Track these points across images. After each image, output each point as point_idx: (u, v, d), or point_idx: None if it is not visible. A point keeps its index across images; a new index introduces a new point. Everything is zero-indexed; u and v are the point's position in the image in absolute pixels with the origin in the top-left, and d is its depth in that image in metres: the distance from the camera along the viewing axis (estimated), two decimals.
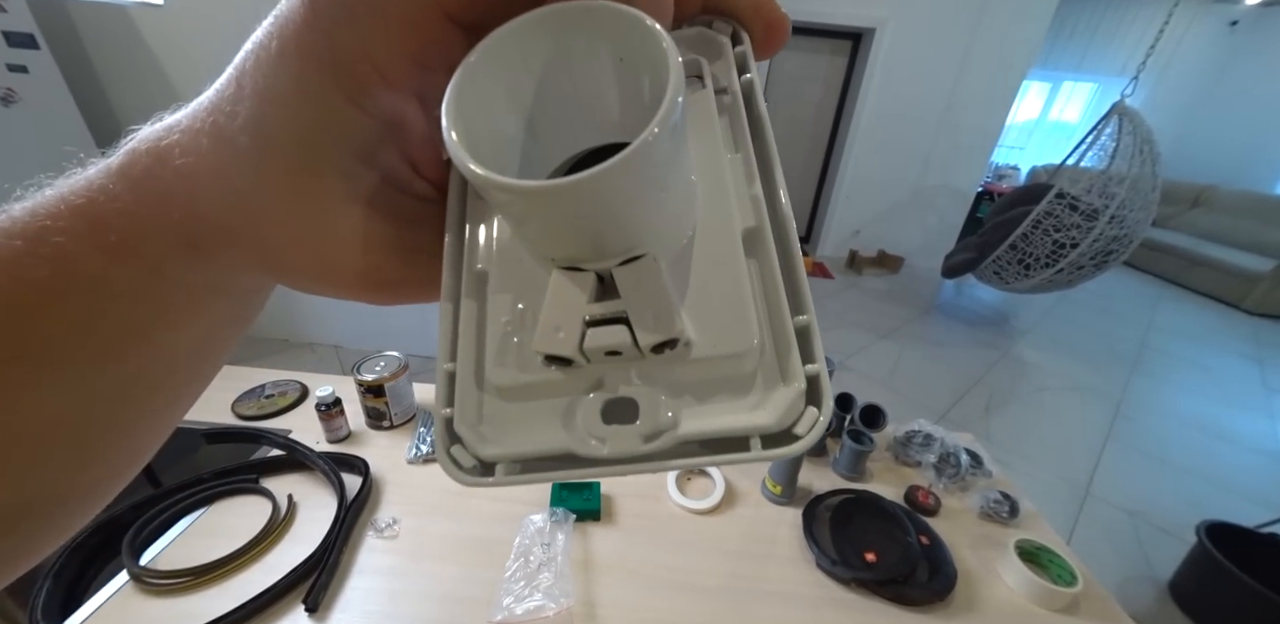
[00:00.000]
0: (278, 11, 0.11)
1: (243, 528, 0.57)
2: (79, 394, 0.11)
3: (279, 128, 0.11)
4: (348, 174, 0.11)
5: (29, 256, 0.10)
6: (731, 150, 0.12)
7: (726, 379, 0.11)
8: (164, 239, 0.11)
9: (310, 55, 0.10)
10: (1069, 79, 4.91)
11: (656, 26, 0.09)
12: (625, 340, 0.10)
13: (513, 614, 0.50)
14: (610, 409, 0.11)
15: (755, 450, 0.10)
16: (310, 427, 0.73)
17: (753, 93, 0.13)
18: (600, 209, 0.09)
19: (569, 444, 0.11)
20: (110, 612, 0.49)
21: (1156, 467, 1.85)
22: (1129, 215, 2.34)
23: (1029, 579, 0.57)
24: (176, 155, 0.11)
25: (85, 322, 0.11)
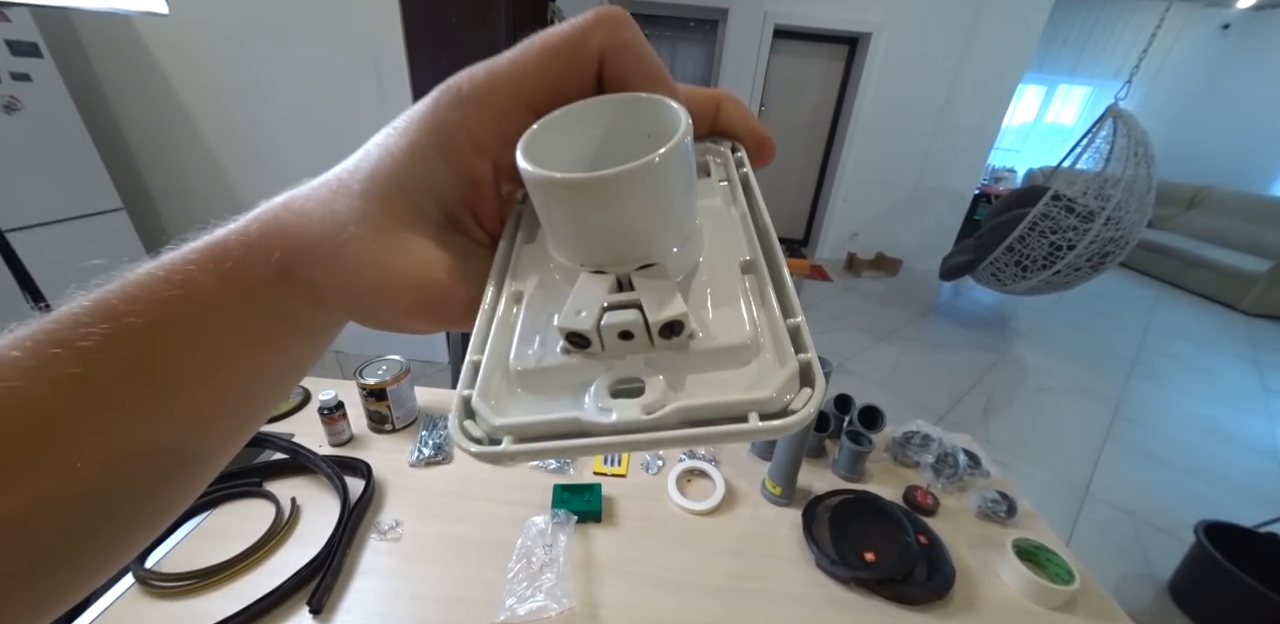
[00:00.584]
0: (413, 106, 0.15)
1: (247, 531, 0.57)
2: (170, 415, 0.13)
3: (387, 175, 0.14)
4: (426, 213, 0.15)
5: (164, 282, 0.13)
6: (732, 207, 0.16)
7: (726, 365, 0.12)
8: (263, 266, 0.14)
9: (425, 127, 0.14)
10: (1064, 82, 4.96)
11: (676, 104, 0.13)
12: (637, 319, 0.11)
13: (515, 615, 0.50)
14: (618, 388, 0.12)
15: (754, 423, 0.10)
16: (313, 430, 0.74)
17: (748, 179, 0.16)
18: (626, 202, 0.12)
19: (575, 413, 0.11)
20: (116, 614, 0.49)
21: (1155, 467, 1.85)
22: (1125, 217, 2.36)
23: (1027, 578, 0.58)
24: (301, 199, 0.14)
25: (191, 341, 0.13)
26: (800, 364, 0.11)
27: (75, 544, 0.13)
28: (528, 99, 0.14)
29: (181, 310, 0.13)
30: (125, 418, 0.13)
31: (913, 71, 3.38)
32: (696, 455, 0.76)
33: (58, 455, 0.12)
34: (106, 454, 0.13)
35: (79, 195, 1.57)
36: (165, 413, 0.13)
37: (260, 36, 1.59)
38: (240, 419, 0.16)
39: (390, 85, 1.64)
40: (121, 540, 0.14)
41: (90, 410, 0.12)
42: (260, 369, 0.15)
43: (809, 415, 0.10)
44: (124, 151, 1.80)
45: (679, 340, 0.12)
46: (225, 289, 0.14)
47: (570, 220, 0.13)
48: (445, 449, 0.73)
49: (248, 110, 1.72)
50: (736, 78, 3.50)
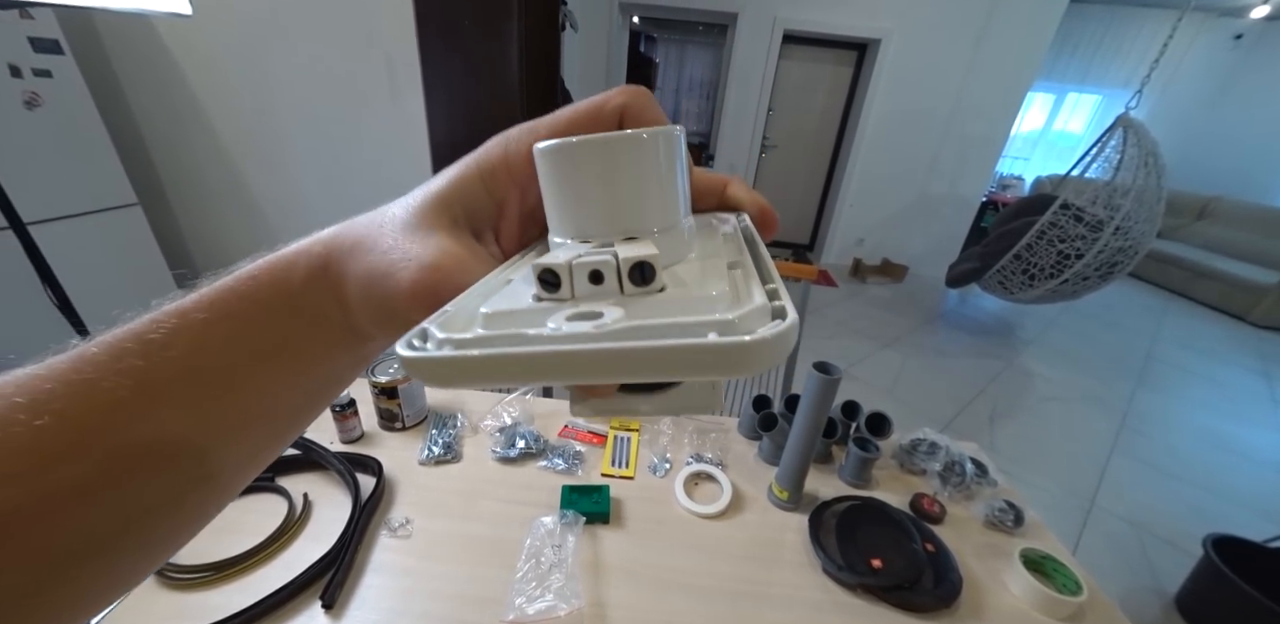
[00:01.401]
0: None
1: (260, 525, 0.58)
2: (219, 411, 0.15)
3: (433, 190, 0.17)
4: (456, 220, 0.17)
5: (232, 283, 0.15)
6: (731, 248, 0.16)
7: (706, 304, 0.11)
8: (307, 263, 0.16)
9: (474, 158, 0.17)
10: (1073, 91, 4.95)
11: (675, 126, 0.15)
12: (609, 261, 0.11)
13: (525, 614, 0.50)
14: (576, 315, 0.11)
15: (711, 338, 0.09)
16: (324, 427, 0.75)
17: (750, 232, 0.17)
18: (618, 164, 0.14)
19: (522, 329, 0.10)
20: (134, 603, 0.50)
21: (1163, 479, 1.84)
22: (1134, 227, 2.35)
23: (1034, 588, 0.58)
24: (364, 214, 0.17)
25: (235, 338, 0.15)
26: (774, 306, 0.10)
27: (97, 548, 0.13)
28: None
29: (238, 306, 0.15)
30: (169, 416, 0.14)
31: (921, 78, 3.39)
32: (704, 459, 0.76)
33: (109, 445, 0.13)
34: (142, 448, 0.13)
35: (96, 190, 1.59)
36: (200, 416, 0.14)
37: (275, 36, 1.61)
38: (261, 434, 0.16)
39: (402, 85, 1.66)
40: (137, 552, 0.14)
41: (147, 403, 0.13)
42: (289, 379, 0.16)
43: (776, 334, 0.09)
44: (139, 148, 1.82)
45: (649, 288, 0.11)
46: (274, 287, 0.15)
47: (570, 187, 0.14)
48: (455, 448, 0.74)
49: (261, 108, 1.74)
50: (745, 82, 3.51)
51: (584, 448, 0.76)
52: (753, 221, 0.18)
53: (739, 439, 0.83)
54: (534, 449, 0.74)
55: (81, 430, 0.12)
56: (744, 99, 3.57)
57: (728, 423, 0.86)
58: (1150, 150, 2.35)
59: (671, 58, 3.94)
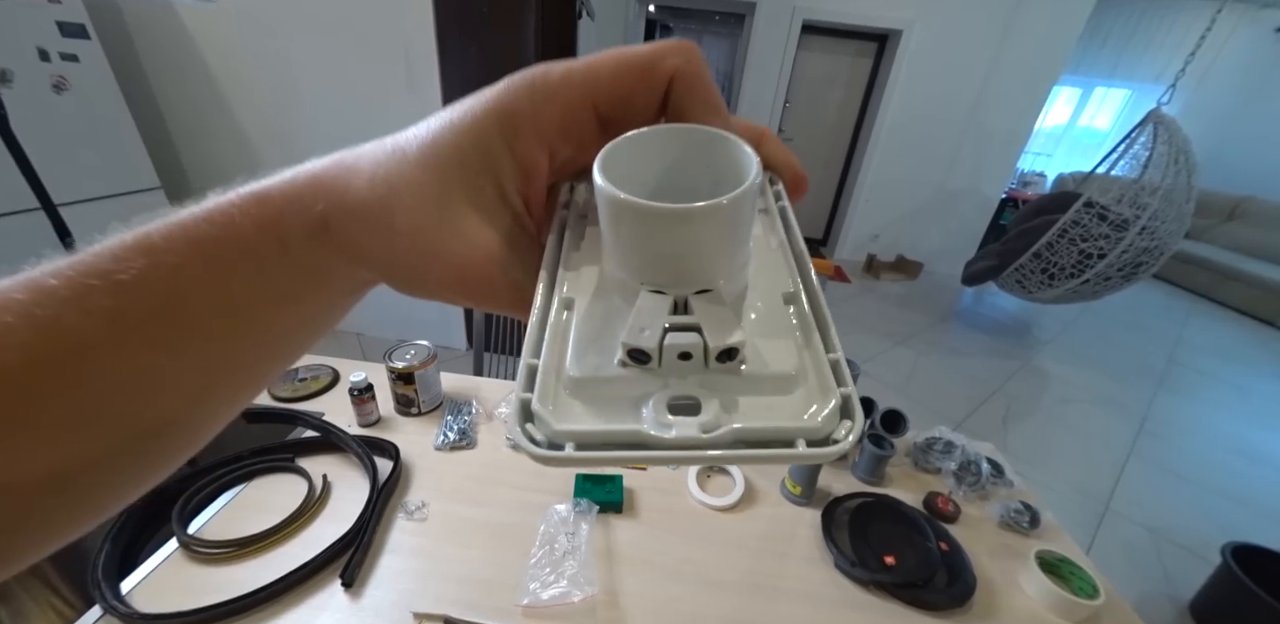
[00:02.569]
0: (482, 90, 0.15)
1: (280, 504, 0.59)
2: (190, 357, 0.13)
3: (448, 146, 0.14)
4: (481, 190, 0.14)
5: (204, 223, 0.13)
6: (771, 235, 0.16)
7: (773, 391, 0.13)
8: (304, 216, 0.14)
9: (492, 108, 0.14)
10: (1101, 85, 4.79)
11: (749, 148, 0.13)
12: (697, 342, 0.12)
13: (539, 599, 0.51)
14: (675, 404, 0.12)
15: (800, 449, 0.11)
16: (342, 410, 0.76)
17: (786, 212, 0.17)
18: (698, 235, 0.13)
19: (637, 426, 0.12)
20: (162, 575, 0.51)
21: (1181, 485, 1.80)
22: (1161, 227, 2.28)
23: (1050, 590, 0.57)
24: (354, 157, 0.14)
25: (220, 285, 0.13)
26: (841, 397, 0.12)
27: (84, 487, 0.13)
28: (596, 101, 0.14)
29: (216, 252, 0.13)
30: (152, 357, 0.13)
31: (943, 70, 3.30)
32: None
33: (87, 386, 0.12)
34: (131, 394, 0.13)
35: (120, 174, 1.62)
36: (191, 358, 0.13)
37: (296, 25, 1.62)
38: (247, 375, 0.15)
39: (419, 74, 1.65)
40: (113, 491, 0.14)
41: (122, 346, 0.12)
42: (281, 323, 0.15)
43: (849, 446, 0.12)
44: (163, 132, 1.85)
45: (732, 365, 0.13)
46: (261, 236, 0.13)
47: (640, 244, 0.13)
48: (470, 434, 0.75)
49: (281, 96, 1.75)
50: (761, 73, 3.45)
51: None
52: (784, 186, 0.17)
53: None
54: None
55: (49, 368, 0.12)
56: (760, 91, 3.51)
57: None
58: (1181, 147, 2.27)
59: None
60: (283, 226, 0.14)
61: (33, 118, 1.39)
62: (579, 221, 0.16)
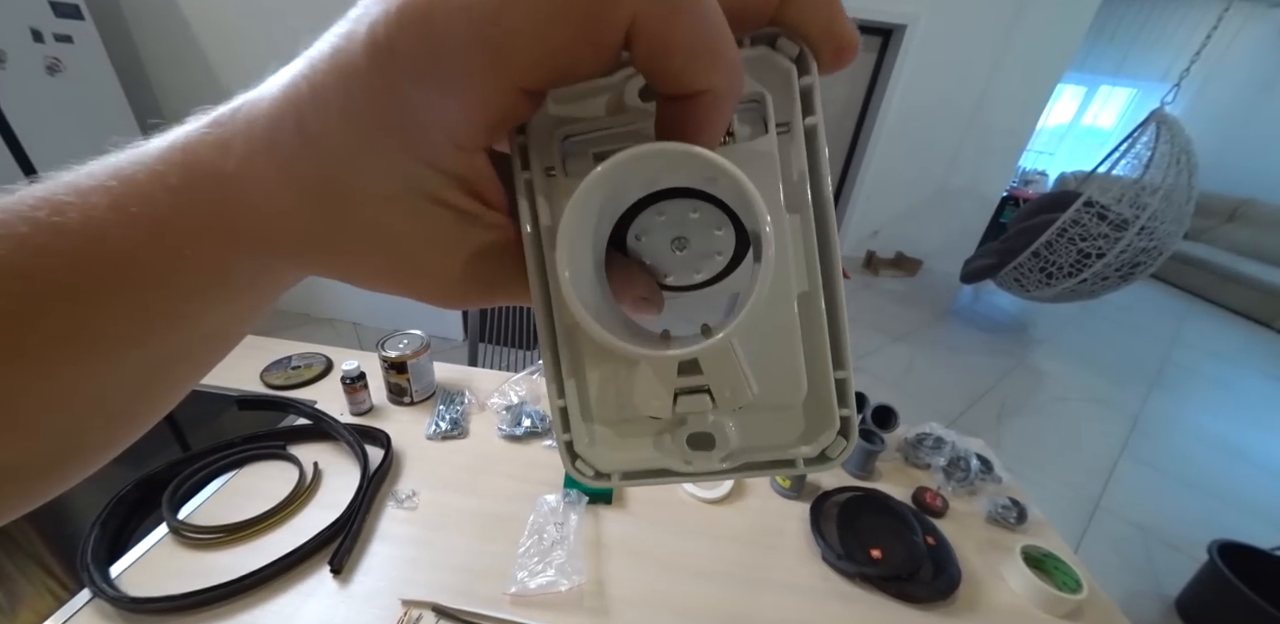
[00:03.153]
0: (335, 51, 0.10)
1: (271, 491, 0.59)
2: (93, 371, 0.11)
3: (344, 178, 0.11)
4: (420, 216, 0.12)
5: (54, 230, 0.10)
6: (790, 208, 0.13)
7: (780, 421, 0.14)
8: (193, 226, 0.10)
9: (380, 120, 0.10)
10: (1106, 83, 4.77)
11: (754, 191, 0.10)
12: (707, 406, 0.13)
13: (526, 588, 0.51)
14: (693, 439, 0.14)
15: (800, 467, 0.14)
16: (334, 398, 0.76)
17: (816, 136, 0.13)
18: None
19: (667, 464, 0.14)
20: (151, 561, 0.51)
21: (1171, 483, 1.82)
22: (1160, 227, 2.28)
23: (1034, 584, 0.58)
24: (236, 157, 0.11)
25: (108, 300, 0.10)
26: (841, 419, 0.13)
27: None
28: (518, 78, 0.10)
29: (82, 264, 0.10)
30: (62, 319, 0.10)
31: (947, 66, 3.27)
32: None
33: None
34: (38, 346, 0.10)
35: None
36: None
37: (294, 7, 1.59)
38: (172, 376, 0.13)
39: None
40: None
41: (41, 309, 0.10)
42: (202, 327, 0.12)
43: (842, 461, 0.14)
44: (158, 115, 1.83)
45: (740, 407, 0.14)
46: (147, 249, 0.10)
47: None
48: (462, 424, 0.75)
49: None
50: None
51: None
52: (820, 60, 0.12)
53: None
54: (539, 428, 0.75)
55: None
56: None
57: None
58: (1183, 148, 2.26)
59: None
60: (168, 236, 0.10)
61: (26, 99, 1.38)
62: (548, 184, 0.13)
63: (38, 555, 0.52)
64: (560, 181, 0.13)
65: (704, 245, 0.13)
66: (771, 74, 0.12)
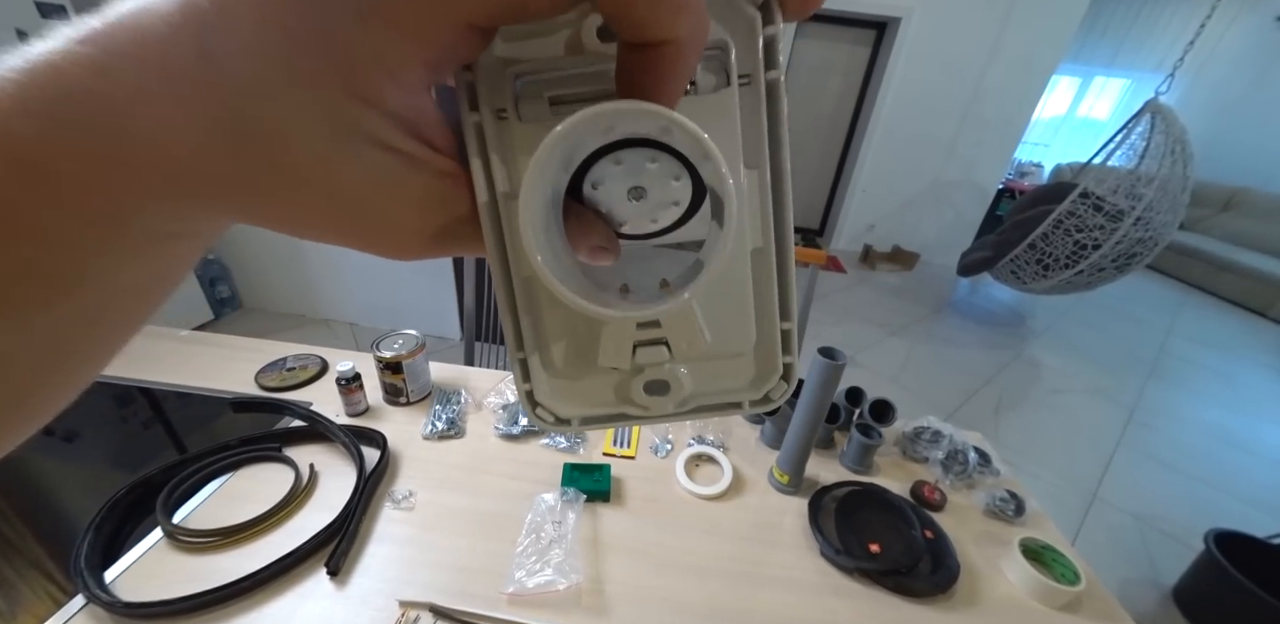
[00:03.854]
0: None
1: (266, 494, 0.59)
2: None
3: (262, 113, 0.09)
4: (359, 160, 0.10)
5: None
6: (748, 164, 0.13)
7: (731, 368, 0.15)
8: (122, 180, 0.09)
9: (306, 48, 0.09)
10: (1100, 74, 4.76)
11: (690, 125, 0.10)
12: (665, 358, 0.14)
13: (524, 587, 0.51)
14: (650, 385, 0.15)
15: (745, 408, 0.16)
16: (330, 400, 0.75)
17: (777, 90, 0.12)
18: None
19: (624, 410, 0.15)
20: (146, 565, 0.51)
21: (1168, 473, 1.83)
22: (1156, 217, 2.28)
23: (1032, 576, 0.58)
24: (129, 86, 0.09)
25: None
26: (785, 366, 0.15)
27: None
28: (468, 12, 0.09)
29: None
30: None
31: (942, 59, 3.26)
32: (705, 441, 0.76)
33: None
34: None
35: None
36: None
37: None
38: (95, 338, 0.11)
39: None
40: None
41: None
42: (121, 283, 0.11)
43: (782, 402, 0.15)
44: None
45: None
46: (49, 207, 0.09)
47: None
48: (458, 424, 0.74)
49: None
50: None
51: None
52: (784, 6, 0.12)
53: (741, 423, 0.83)
54: (536, 427, 0.74)
55: None
56: None
57: None
58: (1178, 138, 2.26)
59: None
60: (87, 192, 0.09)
61: None
62: (500, 128, 0.12)
63: (36, 560, 0.52)
64: (513, 126, 0.12)
65: (661, 195, 0.13)
66: (735, 20, 0.12)
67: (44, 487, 0.60)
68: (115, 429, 0.71)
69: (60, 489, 0.61)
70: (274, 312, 2.18)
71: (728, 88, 0.12)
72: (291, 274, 2.05)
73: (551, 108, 0.12)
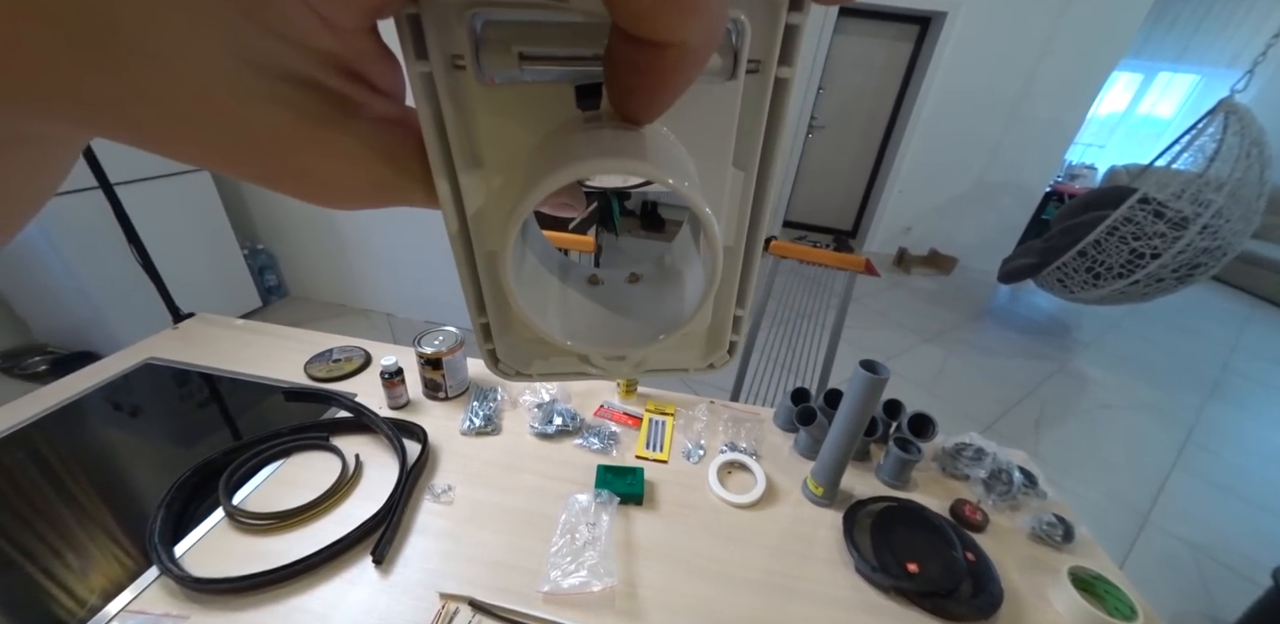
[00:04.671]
0: None
1: (315, 481, 0.62)
2: None
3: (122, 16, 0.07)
4: (267, 98, 0.09)
5: None
6: (736, 163, 0.12)
7: (685, 343, 0.16)
8: None
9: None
10: (1166, 70, 4.45)
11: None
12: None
13: (559, 587, 0.52)
14: (610, 357, 0.15)
15: (690, 372, 0.17)
16: (373, 392, 0.78)
17: (785, 89, 0.11)
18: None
19: (585, 369, 0.16)
20: (210, 542, 0.55)
21: (1230, 500, 1.71)
22: (1225, 225, 2.13)
23: (1083, 608, 0.55)
24: None
25: None
26: (731, 343, 0.16)
27: None
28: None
29: None
30: None
31: (989, 55, 3.12)
32: (738, 449, 0.75)
33: None
34: None
35: None
36: None
37: None
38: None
39: None
40: None
41: None
42: None
43: (723, 367, 0.17)
44: None
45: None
46: None
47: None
48: (495, 421, 0.76)
49: None
50: None
51: (619, 429, 0.77)
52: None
53: (774, 430, 0.82)
54: (570, 427, 0.75)
55: None
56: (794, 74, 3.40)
57: (763, 413, 0.85)
58: (1255, 140, 2.10)
59: None
60: None
61: None
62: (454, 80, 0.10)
63: (106, 526, 0.56)
64: (471, 81, 0.10)
65: None
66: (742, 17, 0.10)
67: (113, 458, 0.66)
68: (174, 407, 0.76)
69: (126, 461, 0.66)
70: (317, 300, 2.27)
71: (733, 81, 0.11)
72: (334, 265, 2.13)
73: (520, 62, 0.09)
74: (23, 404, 0.71)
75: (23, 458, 0.64)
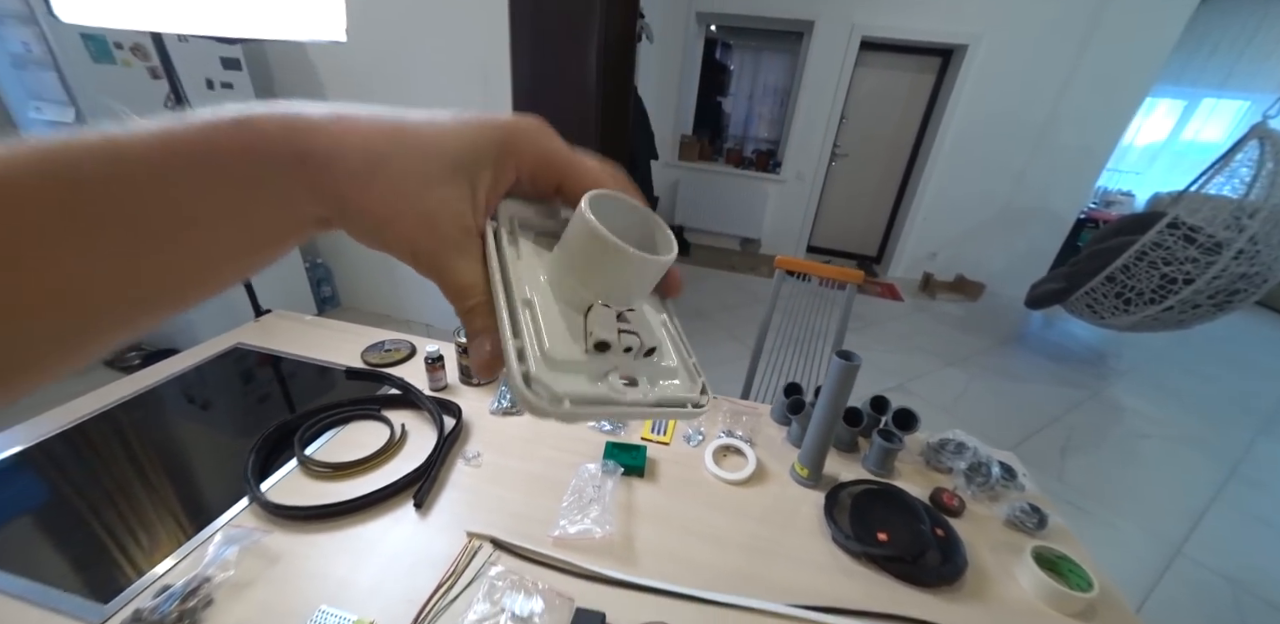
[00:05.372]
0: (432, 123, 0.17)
1: (368, 442, 0.74)
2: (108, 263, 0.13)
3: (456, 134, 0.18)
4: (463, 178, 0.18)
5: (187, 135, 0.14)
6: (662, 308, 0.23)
7: (670, 375, 0.21)
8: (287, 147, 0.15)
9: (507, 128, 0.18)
10: (1210, 96, 4.37)
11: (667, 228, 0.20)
12: (638, 341, 0.19)
13: (567, 533, 0.61)
14: (625, 379, 0.19)
15: (689, 410, 0.20)
16: (417, 376, 0.91)
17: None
18: (648, 274, 0.20)
19: (608, 393, 0.18)
20: (287, 483, 0.67)
21: (1274, 536, 1.62)
22: (1262, 251, 2.07)
23: (1042, 580, 0.59)
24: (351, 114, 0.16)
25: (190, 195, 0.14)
26: (702, 385, 0.21)
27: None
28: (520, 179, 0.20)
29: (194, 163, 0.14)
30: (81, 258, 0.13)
31: (1013, 85, 3.18)
32: (734, 435, 0.83)
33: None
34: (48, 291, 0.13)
35: None
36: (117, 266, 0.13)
37: (391, 51, 1.89)
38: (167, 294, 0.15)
39: (494, 87, 1.87)
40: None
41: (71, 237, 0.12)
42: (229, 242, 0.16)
43: (708, 407, 0.21)
44: None
45: (652, 358, 0.21)
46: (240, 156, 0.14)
47: (613, 273, 0.19)
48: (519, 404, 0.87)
49: None
50: (818, 89, 3.49)
51: None
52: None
53: (770, 424, 0.89)
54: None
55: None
56: (816, 106, 3.54)
57: (761, 408, 0.93)
58: None
59: (746, 64, 3.98)
60: (262, 152, 0.15)
61: None
62: (508, 236, 0.20)
63: (172, 509, 0.64)
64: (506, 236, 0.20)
65: None
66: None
67: (182, 447, 0.77)
68: (239, 401, 0.89)
69: (192, 449, 0.76)
70: (366, 310, 2.48)
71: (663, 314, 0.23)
72: (383, 280, 2.35)
73: (532, 240, 0.21)
74: (151, 374, 0.87)
75: (148, 415, 0.79)
